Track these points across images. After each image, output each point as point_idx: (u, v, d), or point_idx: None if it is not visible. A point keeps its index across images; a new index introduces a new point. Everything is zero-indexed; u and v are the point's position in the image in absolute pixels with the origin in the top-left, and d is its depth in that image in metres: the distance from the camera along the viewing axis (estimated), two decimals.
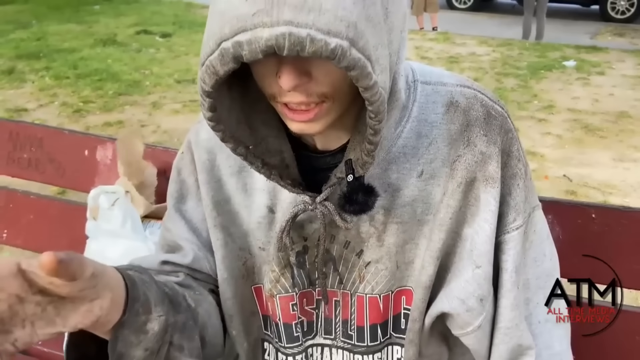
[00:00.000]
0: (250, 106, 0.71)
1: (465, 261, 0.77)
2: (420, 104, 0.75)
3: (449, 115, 0.75)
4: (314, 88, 0.61)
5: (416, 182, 0.75)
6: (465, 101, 0.75)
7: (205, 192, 0.82)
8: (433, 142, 0.75)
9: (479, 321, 0.77)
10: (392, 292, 0.81)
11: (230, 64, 0.56)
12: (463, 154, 0.75)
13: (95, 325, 0.60)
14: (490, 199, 0.75)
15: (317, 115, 0.64)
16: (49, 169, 1.51)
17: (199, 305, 0.79)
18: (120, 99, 5.12)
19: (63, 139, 1.51)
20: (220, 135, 0.66)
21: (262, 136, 0.72)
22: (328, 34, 0.53)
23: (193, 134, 0.84)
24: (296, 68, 0.59)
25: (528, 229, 0.80)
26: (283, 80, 0.59)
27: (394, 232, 0.77)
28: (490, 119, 0.75)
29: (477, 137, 0.74)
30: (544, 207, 0.84)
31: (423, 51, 7.26)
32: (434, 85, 0.76)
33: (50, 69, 5.91)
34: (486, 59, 6.96)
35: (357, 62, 0.55)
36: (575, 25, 9.33)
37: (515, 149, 0.76)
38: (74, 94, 5.20)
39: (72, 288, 0.56)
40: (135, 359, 0.65)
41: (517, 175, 0.76)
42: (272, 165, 0.72)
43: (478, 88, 0.78)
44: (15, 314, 0.53)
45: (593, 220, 1.08)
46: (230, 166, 0.81)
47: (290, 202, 0.78)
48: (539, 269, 0.82)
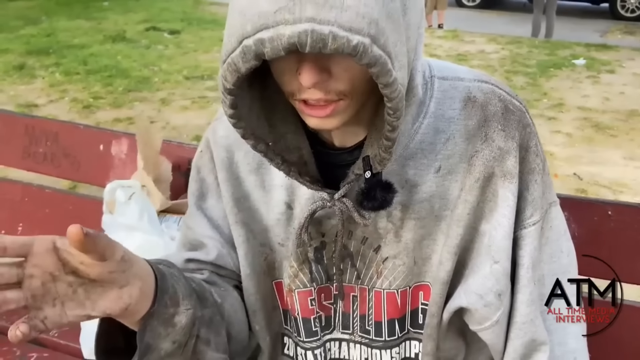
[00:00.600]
0: (269, 103, 0.71)
1: (483, 257, 0.77)
2: (438, 100, 0.75)
3: (467, 111, 0.75)
4: (333, 85, 0.62)
5: (434, 178, 0.75)
6: (483, 96, 0.75)
7: (225, 190, 0.83)
8: (450, 137, 0.75)
9: (496, 316, 0.78)
10: (409, 287, 0.81)
11: (252, 62, 0.56)
12: (481, 149, 0.75)
13: (124, 313, 0.61)
14: (508, 194, 0.75)
15: (334, 111, 0.64)
16: (64, 163, 1.52)
17: (225, 301, 0.80)
18: (130, 95, 5.14)
19: (78, 134, 1.52)
20: (241, 132, 0.66)
21: (281, 133, 0.72)
22: (350, 31, 0.53)
23: (211, 132, 0.85)
24: (316, 65, 0.59)
25: (545, 225, 0.79)
26: (303, 78, 0.59)
27: (411, 227, 0.77)
28: (508, 113, 0.75)
29: (494, 132, 0.74)
30: (561, 203, 0.84)
31: (432, 49, 7.23)
32: (451, 81, 0.76)
33: (60, 65, 5.94)
34: (495, 56, 6.93)
35: (378, 59, 0.55)
36: (585, 24, 9.28)
37: (533, 144, 0.76)
38: (84, 89, 5.22)
39: (102, 269, 0.57)
40: (162, 351, 0.66)
41: (535, 171, 0.76)
42: (291, 162, 0.72)
43: (496, 83, 0.77)
44: (47, 292, 0.55)
45: (609, 217, 1.08)
46: (248, 163, 0.81)
47: (307, 198, 0.78)
48: (555, 265, 0.82)
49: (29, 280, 0.55)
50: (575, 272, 0.85)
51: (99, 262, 0.57)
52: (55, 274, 0.55)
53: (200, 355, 0.74)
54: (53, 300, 0.56)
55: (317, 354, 0.88)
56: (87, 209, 1.48)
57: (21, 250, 0.55)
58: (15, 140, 1.55)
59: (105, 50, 6.66)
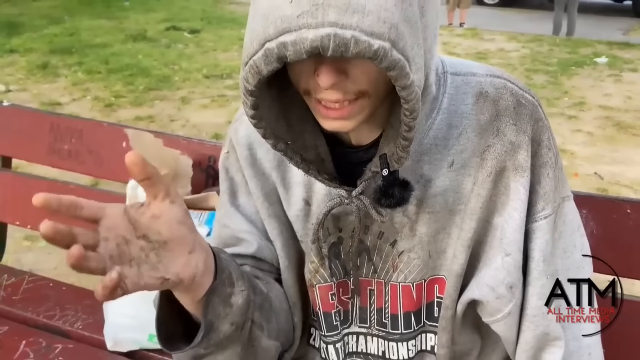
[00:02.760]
0: (287, 102, 0.72)
1: (496, 249, 0.78)
2: (450, 95, 0.76)
3: (479, 106, 0.76)
4: (351, 86, 0.63)
5: (447, 173, 0.76)
6: (495, 91, 0.76)
7: (254, 186, 0.85)
8: (463, 132, 0.76)
9: (508, 308, 0.78)
10: (424, 280, 0.83)
11: (274, 64, 0.57)
12: (493, 143, 0.75)
13: (191, 285, 0.64)
14: (519, 188, 0.75)
15: (350, 113, 0.65)
16: (88, 160, 1.56)
17: (270, 291, 0.82)
18: (151, 93, 5.20)
19: (102, 131, 1.55)
20: (262, 132, 0.68)
21: (298, 131, 0.74)
22: (371, 36, 0.54)
23: (233, 133, 0.87)
24: (334, 67, 0.60)
25: (557, 219, 0.80)
26: (322, 79, 0.60)
27: (425, 221, 0.78)
28: (520, 107, 0.75)
29: (506, 126, 0.75)
30: (579, 201, 0.84)
31: (451, 47, 7.20)
32: (464, 76, 0.77)
33: (82, 64, 6.03)
34: (515, 55, 6.88)
35: (398, 62, 0.56)
36: (607, 21, 9.15)
37: (545, 138, 0.77)
38: (106, 88, 5.30)
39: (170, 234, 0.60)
40: (221, 333, 0.68)
41: (548, 164, 0.77)
42: (309, 160, 0.73)
43: (508, 78, 0.78)
44: (122, 254, 0.57)
45: (628, 216, 1.07)
46: (269, 160, 0.83)
47: (324, 194, 0.80)
48: (568, 261, 0.82)
49: (104, 242, 0.56)
50: (589, 268, 0.85)
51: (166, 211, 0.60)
52: (128, 238, 0.57)
53: (256, 341, 0.75)
54: (130, 262, 0.57)
55: (337, 347, 0.89)
56: None
57: (96, 212, 0.57)
58: (41, 137, 1.59)
59: (127, 49, 6.75)
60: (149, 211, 0.59)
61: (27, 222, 1.62)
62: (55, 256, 2.68)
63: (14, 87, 5.31)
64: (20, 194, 1.61)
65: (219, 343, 0.69)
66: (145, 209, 0.59)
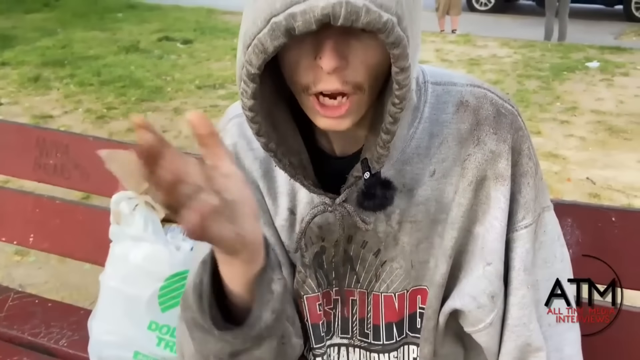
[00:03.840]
0: (274, 105, 0.72)
1: (477, 259, 0.78)
2: (432, 105, 0.76)
3: (459, 115, 0.76)
4: (350, 76, 0.62)
5: (429, 182, 0.76)
6: (475, 100, 0.76)
7: None
8: (444, 141, 0.76)
9: (490, 318, 0.78)
10: (407, 290, 0.82)
11: (281, 39, 0.57)
12: (473, 152, 0.76)
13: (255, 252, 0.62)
14: (500, 197, 0.76)
15: (348, 111, 0.65)
16: (74, 175, 1.55)
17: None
18: (143, 105, 5.19)
19: (88, 145, 1.54)
20: (257, 128, 0.67)
21: (284, 134, 0.73)
22: (381, 8, 0.55)
23: None
24: (338, 51, 0.60)
25: (538, 229, 0.80)
26: (324, 61, 0.60)
27: (408, 231, 0.78)
28: (500, 117, 0.76)
29: (487, 135, 0.75)
30: (564, 210, 0.84)
31: (444, 54, 7.22)
32: (444, 86, 0.78)
33: (74, 76, 6.01)
34: (508, 60, 6.90)
35: (402, 40, 0.57)
36: (599, 26, 9.20)
37: (526, 147, 0.77)
38: (98, 100, 5.28)
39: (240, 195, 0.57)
40: (263, 322, 0.63)
41: (528, 174, 0.77)
42: (295, 165, 0.73)
43: (488, 87, 0.79)
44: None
45: (613, 224, 1.07)
46: (256, 170, 0.82)
47: (307, 202, 0.79)
48: (549, 271, 0.82)
49: (181, 185, 0.52)
50: (570, 276, 0.85)
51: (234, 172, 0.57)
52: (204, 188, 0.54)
53: (286, 338, 0.74)
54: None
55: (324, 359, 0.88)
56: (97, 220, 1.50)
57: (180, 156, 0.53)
58: (27, 152, 1.58)
59: (119, 60, 6.74)
60: (218, 170, 0.56)
61: (13, 237, 1.61)
62: (46, 270, 2.67)
63: (5, 101, 5.30)
64: (6, 210, 1.60)
65: (260, 334, 0.64)
66: (213, 168, 0.55)
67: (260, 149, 0.80)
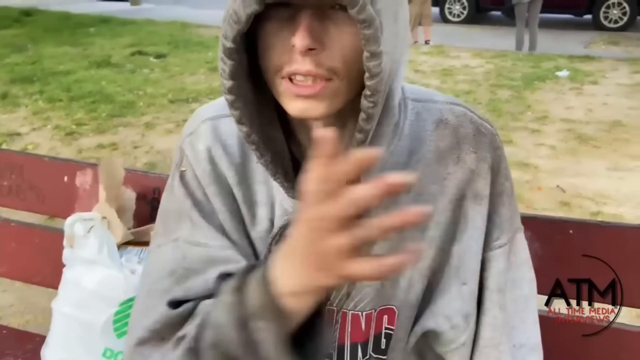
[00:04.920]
0: (259, 105, 0.70)
1: (452, 278, 0.77)
2: (411, 122, 0.75)
3: (439, 132, 0.75)
4: (325, 60, 0.61)
5: (406, 199, 0.75)
6: (455, 119, 0.76)
7: (220, 204, 0.77)
8: (422, 158, 0.75)
9: (463, 338, 0.78)
10: (375, 310, 0.80)
11: (253, 6, 0.56)
12: (453, 171, 0.75)
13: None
14: (477, 217, 0.75)
15: (322, 91, 0.63)
16: (29, 196, 1.50)
17: None
18: (114, 120, 5.12)
19: (43, 166, 1.50)
20: (238, 114, 0.65)
21: (269, 136, 0.71)
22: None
23: (189, 149, 0.79)
24: (312, 31, 0.59)
25: (510, 251, 0.80)
26: (297, 39, 0.59)
27: (381, 247, 0.76)
28: (480, 136, 0.76)
29: (466, 154, 0.75)
30: (523, 223, 0.84)
31: (417, 64, 7.29)
32: (424, 103, 0.77)
33: (44, 93, 5.91)
34: (480, 70, 6.99)
35: (373, 20, 0.56)
36: (569, 35, 9.40)
37: (503, 167, 0.77)
38: (67, 116, 5.19)
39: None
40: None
41: (504, 193, 0.77)
42: (277, 165, 0.71)
43: (467, 106, 0.78)
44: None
45: (571, 236, 1.07)
46: (231, 176, 0.77)
47: (285, 209, 0.76)
48: (517, 292, 0.81)
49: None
50: (535, 300, 0.85)
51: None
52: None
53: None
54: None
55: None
56: (54, 242, 1.45)
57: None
58: None
59: (90, 75, 6.66)
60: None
61: None
62: (11, 293, 2.61)
63: None
64: None
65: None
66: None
67: (236, 154, 0.77)
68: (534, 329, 0.84)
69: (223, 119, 0.78)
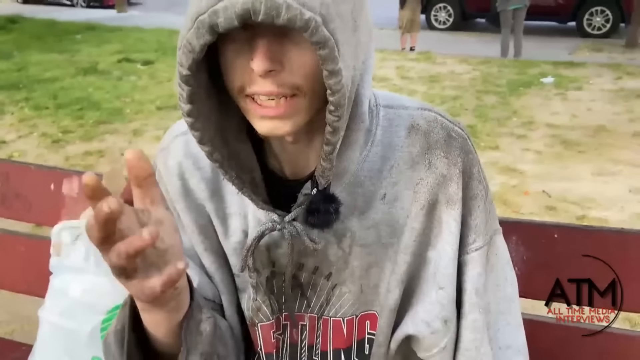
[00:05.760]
0: (225, 121, 0.70)
1: (430, 284, 0.78)
2: (384, 128, 0.76)
3: (411, 138, 0.76)
4: (286, 78, 0.61)
5: (380, 205, 0.76)
6: (426, 124, 0.76)
7: (188, 219, 0.80)
8: (395, 165, 0.75)
9: (444, 342, 0.78)
10: (356, 316, 0.81)
11: (206, 37, 0.56)
12: (425, 176, 0.75)
13: (181, 300, 0.62)
14: (451, 221, 0.76)
15: (286, 112, 0.63)
16: (15, 204, 1.49)
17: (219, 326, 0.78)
18: (101, 127, 5.10)
19: (29, 174, 1.49)
20: (199, 135, 0.65)
21: (235, 152, 0.71)
22: (303, 6, 0.55)
23: (161, 163, 0.82)
24: (270, 53, 0.59)
25: (489, 253, 0.80)
26: (256, 63, 0.59)
27: (358, 254, 0.77)
28: (451, 140, 0.76)
29: (437, 159, 0.75)
30: (508, 228, 0.85)
31: (404, 71, 7.33)
32: (396, 109, 0.77)
33: (30, 100, 5.89)
34: (466, 77, 7.05)
35: (328, 41, 0.56)
36: (554, 42, 9.51)
37: (476, 171, 0.78)
38: (54, 124, 5.17)
39: (170, 241, 0.57)
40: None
41: (478, 197, 0.78)
42: (244, 179, 0.71)
43: (439, 111, 0.79)
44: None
45: (556, 240, 1.08)
46: (202, 190, 0.79)
47: (257, 221, 0.77)
48: (500, 294, 0.82)
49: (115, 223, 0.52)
50: (518, 302, 0.85)
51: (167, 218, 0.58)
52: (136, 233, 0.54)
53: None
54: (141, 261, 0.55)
55: None
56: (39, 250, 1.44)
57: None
58: None
59: (77, 83, 6.63)
60: (152, 217, 0.55)
61: None
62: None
63: None
64: None
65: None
66: (147, 214, 0.55)
67: (207, 168, 0.78)
68: (518, 330, 0.85)
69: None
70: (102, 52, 8.40)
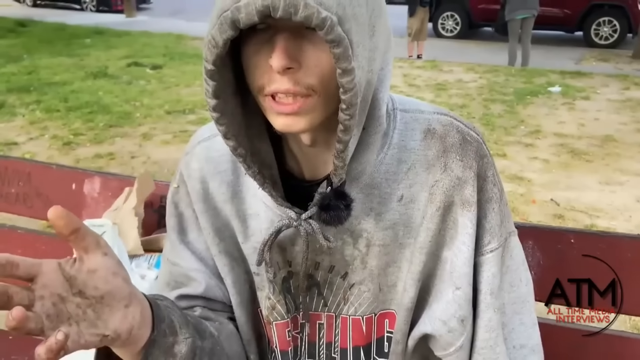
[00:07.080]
0: (248, 119, 0.73)
1: (446, 283, 0.79)
2: (400, 131, 0.78)
3: (427, 142, 0.78)
4: (303, 77, 0.64)
5: (397, 207, 0.78)
6: (442, 128, 0.78)
7: (205, 221, 0.84)
8: (412, 167, 0.77)
9: (460, 341, 0.79)
10: (375, 314, 0.83)
11: (229, 32, 0.60)
12: (441, 179, 0.77)
13: (129, 338, 0.63)
14: (467, 222, 0.77)
15: (302, 108, 0.65)
16: (36, 203, 1.52)
17: (221, 334, 0.81)
18: (111, 130, 5.14)
19: (51, 174, 1.52)
20: (224, 130, 0.68)
21: (257, 148, 0.74)
22: (320, 5, 0.58)
23: (184, 167, 0.86)
24: (288, 51, 0.62)
25: (504, 254, 0.82)
26: (274, 60, 0.62)
27: (376, 254, 0.79)
28: (466, 144, 0.78)
29: (453, 162, 0.77)
30: (525, 232, 0.86)
31: (411, 79, 7.36)
32: (412, 113, 0.80)
33: (41, 102, 5.93)
34: (473, 85, 7.06)
35: (342, 40, 0.59)
36: (560, 51, 9.51)
37: (490, 174, 0.79)
38: (65, 126, 5.21)
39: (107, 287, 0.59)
40: None
41: (493, 199, 0.79)
42: (265, 175, 0.74)
43: (454, 116, 0.81)
44: (60, 312, 0.56)
45: (572, 245, 1.10)
46: (223, 193, 0.83)
47: (271, 222, 0.80)
48: (514, 294, 0.84)
49: (40, 301, 0.55)
50: (533, 301, 0.87)
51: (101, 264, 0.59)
52: (64, 295, 0.56)
53: None
54: (68, 320, 0.56)
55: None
56: (60, 249, 1.47)
57: (31, 269, 0.55)
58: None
59: (87, 86, 6.68)
60: (84, 266, 0.58)
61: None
62: None
63: None
64: None
65: None
66: (79, 264, 0.58)
67: (227, 172, 0.82)
68: (533, 329, 0.86)
69: (217, 137, 0.82)
70: (111, 56, 8.45)
